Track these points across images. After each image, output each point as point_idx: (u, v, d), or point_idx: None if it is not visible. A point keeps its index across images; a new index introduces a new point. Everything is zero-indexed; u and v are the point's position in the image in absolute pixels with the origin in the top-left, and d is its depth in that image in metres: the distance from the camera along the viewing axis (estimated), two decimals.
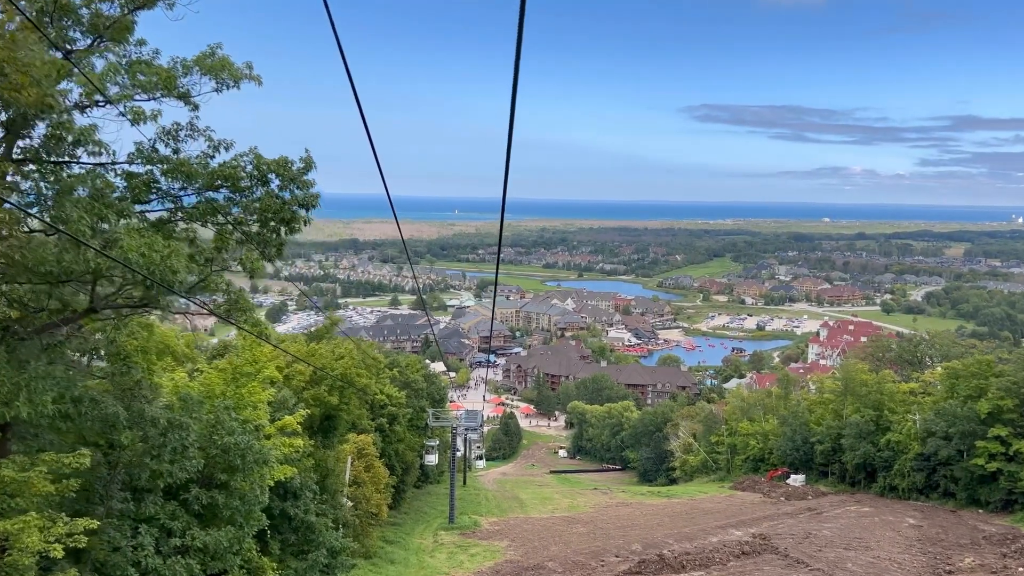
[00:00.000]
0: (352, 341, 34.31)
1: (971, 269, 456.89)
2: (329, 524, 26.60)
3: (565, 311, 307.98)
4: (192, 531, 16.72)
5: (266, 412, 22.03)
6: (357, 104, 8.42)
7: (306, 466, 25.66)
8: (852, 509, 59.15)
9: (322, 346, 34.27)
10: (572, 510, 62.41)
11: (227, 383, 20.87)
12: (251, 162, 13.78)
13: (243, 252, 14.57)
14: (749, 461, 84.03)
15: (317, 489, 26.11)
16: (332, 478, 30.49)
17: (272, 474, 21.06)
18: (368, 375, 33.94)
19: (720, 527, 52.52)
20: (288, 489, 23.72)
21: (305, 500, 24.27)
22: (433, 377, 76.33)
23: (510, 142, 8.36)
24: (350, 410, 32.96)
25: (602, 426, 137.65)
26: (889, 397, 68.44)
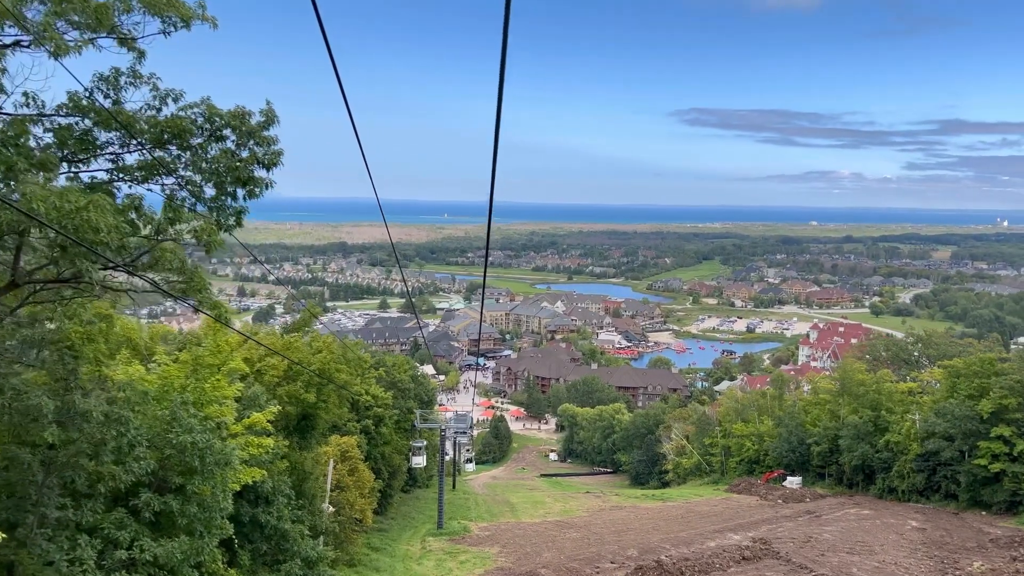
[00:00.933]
0: (332, 335, 32.14)
1: (958, 272, 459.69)
2: (305, 532, 24.62)
3: (555, 314, 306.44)
4: (142, 541, 14.80)
5: (233, 409, 20.12)
6: (348, 110, 8.53)
7: (279, 469, 23.68)
8: (852, 512, 57.60)
9: (297, 339, 32.27)
10: (565, 514, 60.57)
11: (187, 376, 18.90)
12: (202, 114, 11.93)
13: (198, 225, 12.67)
14: (744, 463, 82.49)
15: (292, 494, 24.11)
16: (310, 482, 28.46)
17: (238, 477, 19.14)
18: (349, 371, 31.92)
19: (717, 531, 50.82)
20: (259, 494, 21.74)
21: (278, 506, 22.27)
22: (421, 378, 74.34)
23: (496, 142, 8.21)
24: (328, 409, 30.93)
25: (593, 429, 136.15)
26: (887, 397, 67.03)
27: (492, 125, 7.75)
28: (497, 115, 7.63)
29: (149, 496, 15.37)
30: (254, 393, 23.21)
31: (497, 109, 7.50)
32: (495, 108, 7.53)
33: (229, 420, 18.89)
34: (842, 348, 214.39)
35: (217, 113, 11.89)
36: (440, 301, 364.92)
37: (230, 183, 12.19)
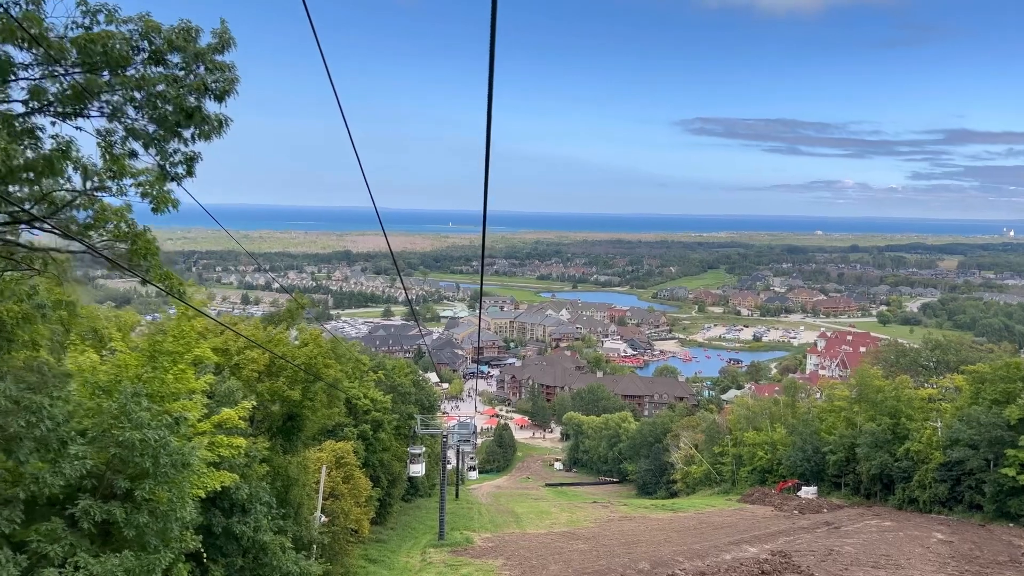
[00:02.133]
0: (320, 329, 29.81)
1: (966, 281, 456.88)
2: (288, 544, 22.31)
3: (560, 322, 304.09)
4: (78, 557, 12.60)
5: (201, 404, 17.92)
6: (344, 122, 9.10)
7: (259, 473, 21.40)
8: (872, 523, 55.07)
9: (280, 330, 30.01)
10: (572, 525, 58.12)
11: (143, 364, 16.64)
12: (138, 31, 9.78)
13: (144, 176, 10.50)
14: (756, 472, 79.89)
15: (273, 502, 21.80)
16: (296, 489, 26.10)
17: (203, 482, 16.90)
18: (339, 367, 29.56)
19: (733, 543, 48.36)
20: (235, 502, 19.48)
21: (256, 515, 19.98)
22: (422, 382, 71.97)
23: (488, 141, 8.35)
24: (316, 408, 28.59)
25: (599, 437, 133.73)
26: (906, 404, 64.43)
27: (498, 134, 7.99)
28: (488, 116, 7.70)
29: (88, 503, 13.17)
30: (229, 388, 20.98)
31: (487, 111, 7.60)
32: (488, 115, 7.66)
33: (194, 416, 16.64)
34: (851, 357, 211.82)
35: (155, 28, 9.72)
36: (444, 309, 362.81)
37: (173, 115, 9.98)
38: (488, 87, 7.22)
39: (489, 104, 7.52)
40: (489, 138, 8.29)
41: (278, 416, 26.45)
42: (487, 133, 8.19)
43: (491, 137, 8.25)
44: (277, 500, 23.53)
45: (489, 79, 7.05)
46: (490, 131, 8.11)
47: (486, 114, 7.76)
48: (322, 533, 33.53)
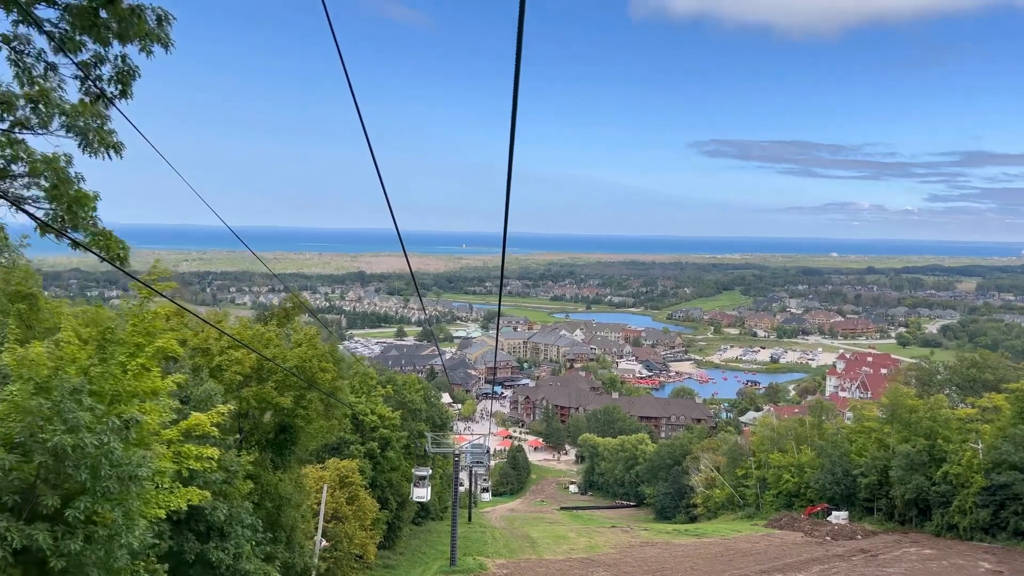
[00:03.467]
0: (317, 329, 26.98)
1: (985, 303, 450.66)
2: (275, 573, 19.68)
3: (574, 342, 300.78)
4: None
5: (169, 408, 15.40)
6: (367, 142, 9.09)
7: (242, 492, 18.82)
8: (912, 551, 51.67)
9: (270, 328, 27.24)
10: (591, 551, 54.99)
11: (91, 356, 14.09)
12: None
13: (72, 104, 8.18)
14: (781, 496, 76.46)
15: (259, 524, 19.17)
16: (289, 510, 23.44)
17: (161, 499, 14.35)
18: (335, 371, 26.75)
19: (764, 572, 45.21)
20: (211, 524, 16.97)
21: (237, 539, 17.43)
22: (434, 399, 69.21)
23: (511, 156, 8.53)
24: (311, 419, 25.72)
25: (615, 460, 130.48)
26: (943, 425, 61.09)
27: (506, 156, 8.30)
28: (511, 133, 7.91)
29: (5, 525, 10.66)
30: (207, 391, 18.48)
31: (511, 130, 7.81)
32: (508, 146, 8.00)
33: (153, 420, 14.10)
34: (872, 379, 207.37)
35: None
36: (457, 329, 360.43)
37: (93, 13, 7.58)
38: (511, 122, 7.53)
39: (512, 132, 7.77)
40: (511, 164, 8.44)
41: (269, 427, 23.89)
42: (509, 159, 8.38)
43: (513, 162, 8.41)
44: (266, 522, 20.99)
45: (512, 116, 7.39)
46: (512, 155, 8.28)
47: (508, 143, 7.99)
48: (323, 559, 30.88)
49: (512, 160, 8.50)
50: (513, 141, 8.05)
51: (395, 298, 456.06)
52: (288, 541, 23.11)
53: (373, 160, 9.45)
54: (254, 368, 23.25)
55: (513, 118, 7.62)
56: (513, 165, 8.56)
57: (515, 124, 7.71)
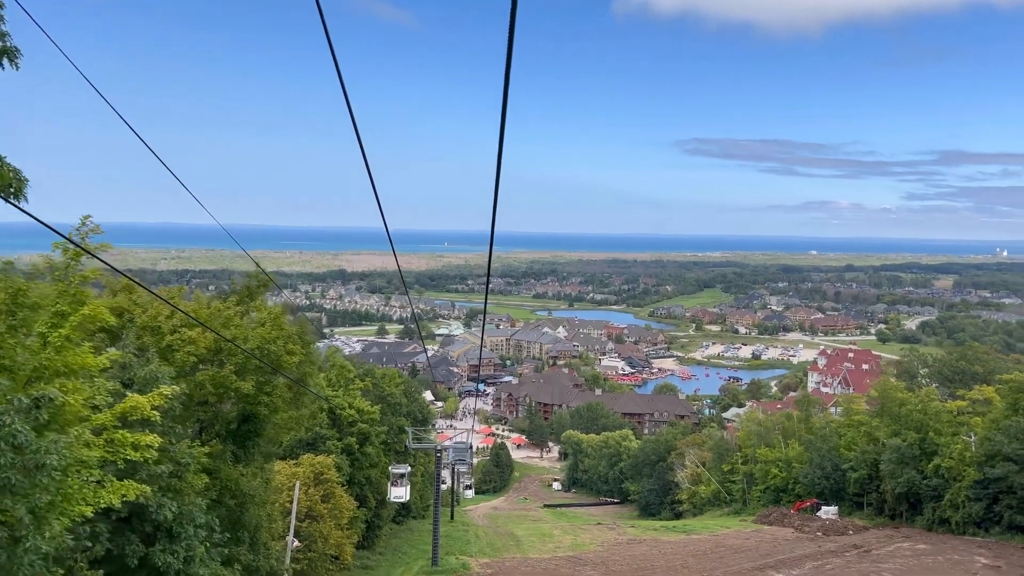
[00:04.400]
0: (282, 307, 24.53)
1: (963, 300, 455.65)
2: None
3: (557, 339, 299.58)
4: None
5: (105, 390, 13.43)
6: (358, 140, 9.14)
7: (195, 487, 16.84)
8: (905, 546, 50.51)
9: (229, 304, 24.10)
10: (577, 549, 53.38)
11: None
12: None
13: None
14: (769, 491, 75.30)
15: (215, 523, 17.17)
16: (253, 508, 21.40)
17: (85, 494, 12.38)
18: (303, 353, 24.60)
19: (757, 569, 43.81)
20: (158, 523, 15.00)
21: (189, 540, 15.49)
22: (415, 393, 67.22)
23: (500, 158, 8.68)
24: (275, 407, 23.34)
25: (599, 456, 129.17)
26: (934, 417, 60.09)
27: (493, 154, 8.56)
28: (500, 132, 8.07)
29: None
30: (152, 373, 16.45)
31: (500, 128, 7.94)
32: (497, 136, 8.20)
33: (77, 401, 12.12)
34: (853, 374, 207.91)
35: None
36: (439, 327, 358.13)
37: None
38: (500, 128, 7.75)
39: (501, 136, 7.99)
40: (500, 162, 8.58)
41: (231, 417, 21.85)
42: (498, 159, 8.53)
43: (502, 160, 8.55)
44: (227, 521, 19.10)
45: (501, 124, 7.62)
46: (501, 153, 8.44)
47: (498, 144, 8.23)
48: (296, 560, 28.98)
49: (501, 157, 8.43)
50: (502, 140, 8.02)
51: (376, 296, 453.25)
52: (252, 542, 21.13)
53: (365, 162, 9.49)
54: (211, 350, 21.12)
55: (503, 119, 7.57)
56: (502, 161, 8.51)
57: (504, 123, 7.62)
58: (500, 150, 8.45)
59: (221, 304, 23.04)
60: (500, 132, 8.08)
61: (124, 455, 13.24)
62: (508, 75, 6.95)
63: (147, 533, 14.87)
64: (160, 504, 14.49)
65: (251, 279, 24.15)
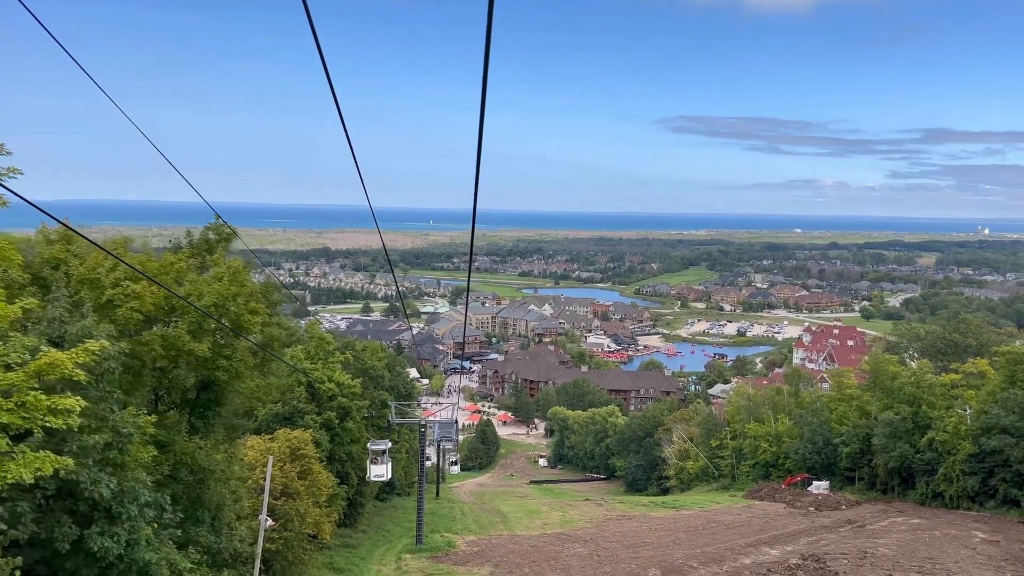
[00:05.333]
0: (242, 261, 21.73)
1: (945, 277, 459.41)
2: (190, 563, 15.77)
3: (543, 317, 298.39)
4: None
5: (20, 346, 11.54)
6: (341, 118, 9.09)
7: (141, 461, 14.86)
8: (899, 521, 49.61)
9: (182, 257, 21.60)
10: (565, 525, 52.14)
11: None
12: None
13: None
14: (758, 466, 74.46)
15: (165, 501, 15.17)
16: (214, 484, 19.41)
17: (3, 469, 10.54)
18: (266, 312, 21.87)
19: (750, 545, 42.66)
20: (95, 503, 13.05)
21: (133, 521, 13.58)
22: (398, 367, 65.40)
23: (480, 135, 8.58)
24: (238, 373, 21.02)
25: (585, 433, 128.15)
26: (927, 391, 59.18)
27: (476, 132, 8.37)
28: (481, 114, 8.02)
29: None
30: (85, 328, 14.36)
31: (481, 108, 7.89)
32: (479, 115, 8.01)
33: None
34: (838, 350, 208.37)
35: None
36: (425, 305, 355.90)
37: None
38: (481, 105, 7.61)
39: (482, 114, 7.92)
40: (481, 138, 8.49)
41: (188, 385, 19.78)
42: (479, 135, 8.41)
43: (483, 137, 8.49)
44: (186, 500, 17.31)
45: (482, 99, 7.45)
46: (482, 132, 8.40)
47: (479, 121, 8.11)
48: (271, 540, 27.28)
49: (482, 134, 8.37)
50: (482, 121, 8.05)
51: (361, 274, 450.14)
52: (213, 522, 19.30)
53: (347, 138, 9.49)
54: (160, 307, 18.89)
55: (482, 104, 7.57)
56: (483, 139, 8.46)
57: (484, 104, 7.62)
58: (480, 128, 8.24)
59: (172, 256, 20.84)
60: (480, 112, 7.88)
61: (42, 422, 11.36)
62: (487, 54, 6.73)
63: (83, 514, 13.02)
64: (95, 480, 12.59)
65: (210, 230, 21.85)
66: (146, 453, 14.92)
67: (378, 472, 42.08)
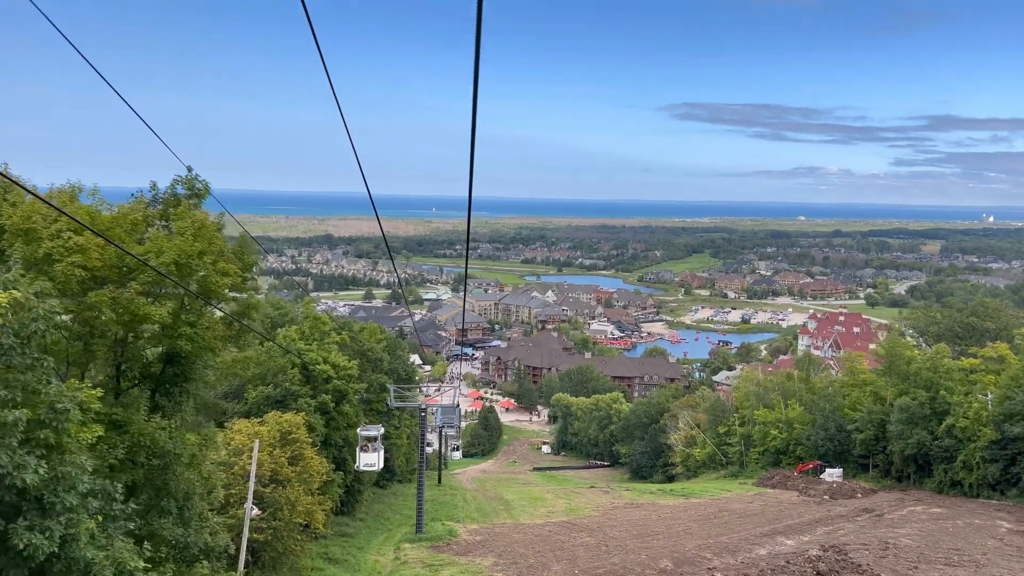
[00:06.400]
0: (207, 215, 18.90)
1: (951, 264, 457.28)
2: (141, 564, 13.63)
3: (546, 303, 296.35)
4: None
5: None
6: (339, 108, 9.66)
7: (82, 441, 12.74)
8: (919, 510, 47.77)
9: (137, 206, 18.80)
10: (571, 513, 50.34)
11: None
12: None
13: None
14: (768, 453, 72.62)
15: (115, 490, 13.06)
16: (181, 470, 17.14)
17: None
18: (238, 275, 19.22)
19: (765, 535, 40.83)
20: (23, 492, 10.98)
21: (72, 514, 11.53)
22: (398, 350, 63.35)
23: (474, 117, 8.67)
24: (207, 343, 18.50)
25: (589, 419, 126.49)
26: (945, 375, 57.17)
27: (481, 118, 8.72)
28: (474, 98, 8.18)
29: None
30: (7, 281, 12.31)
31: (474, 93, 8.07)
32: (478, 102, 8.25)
33: None
34: (844, 337, 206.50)
35: None
36: (427, 291, 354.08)
37: None
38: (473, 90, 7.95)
39: (474, 100, 8.18)
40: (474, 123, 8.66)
41: (151, 357, 17.60)
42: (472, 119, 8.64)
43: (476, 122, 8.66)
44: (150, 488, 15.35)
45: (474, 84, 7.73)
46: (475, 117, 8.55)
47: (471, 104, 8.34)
48: (259, 530, 25.43)
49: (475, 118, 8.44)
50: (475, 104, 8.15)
51: (363, 261, 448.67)
52: (181, 512, 17.26)
53: (345, 125, 9.83)
54: (112, 266, 16.56)
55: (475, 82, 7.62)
56: (476, 126, 8.56)
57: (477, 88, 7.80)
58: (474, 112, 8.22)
59: (128, 206, 18.53)
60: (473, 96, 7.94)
61: None
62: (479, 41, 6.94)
63: (11, 504, 11.02)
64: (18, 464, 10.63)
65: (179, 183, 19.21)
66: (89, 433, 12.93)
67: (368, 461, 38.87)
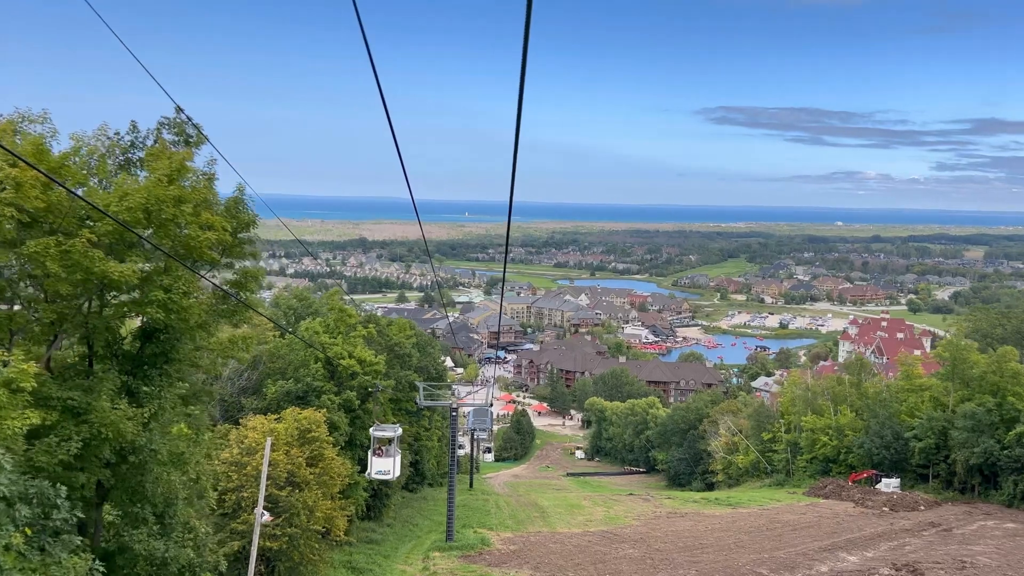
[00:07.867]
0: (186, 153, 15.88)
1: (996, 270, 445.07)
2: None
3: (579, 307, 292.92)
4: None
5: None
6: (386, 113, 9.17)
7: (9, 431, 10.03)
8: (990, 525, 44.00)
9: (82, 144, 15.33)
10: (611, 523, 47.34)
11: None
12: None
13: None
14: (816, 461, 68.83)
15: (58, 495, 10.34)
16: (159, 470, 14.26)
17: None
18: (226, 231, 16.25)
19: (824, 549, 37.50)
20: None
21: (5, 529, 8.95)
22: (427, 346, 60.72)
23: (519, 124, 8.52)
24: (188, 314, 15.26)
25: (624, 424, 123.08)
26: (1012, 380, 53.23)
27: (513, 124, 8.37)
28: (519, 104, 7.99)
29: None
30: None
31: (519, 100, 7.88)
32: (516, 107, 8.05)
33: None
34: (887, 343, 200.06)
35: None
36: (460, 295, 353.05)
37: None
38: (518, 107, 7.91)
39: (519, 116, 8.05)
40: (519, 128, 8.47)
41: (117, 329, 14.88)
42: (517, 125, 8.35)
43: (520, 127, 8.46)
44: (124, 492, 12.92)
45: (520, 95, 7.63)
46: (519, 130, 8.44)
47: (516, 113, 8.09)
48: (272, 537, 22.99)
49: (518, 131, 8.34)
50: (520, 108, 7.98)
51: (396, 264, 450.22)
52: (160, 521, 14.74)
53: (392, 132, 9.65)
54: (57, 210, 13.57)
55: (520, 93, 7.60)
56: (520, 134, 8.42)
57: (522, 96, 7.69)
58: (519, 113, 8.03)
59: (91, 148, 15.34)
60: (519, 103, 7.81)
61: None
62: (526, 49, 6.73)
63: None
64: None
65: (164, 126, 16.27)
66: (19, 421, 10.42)
67: (382, 468, 33.84)
